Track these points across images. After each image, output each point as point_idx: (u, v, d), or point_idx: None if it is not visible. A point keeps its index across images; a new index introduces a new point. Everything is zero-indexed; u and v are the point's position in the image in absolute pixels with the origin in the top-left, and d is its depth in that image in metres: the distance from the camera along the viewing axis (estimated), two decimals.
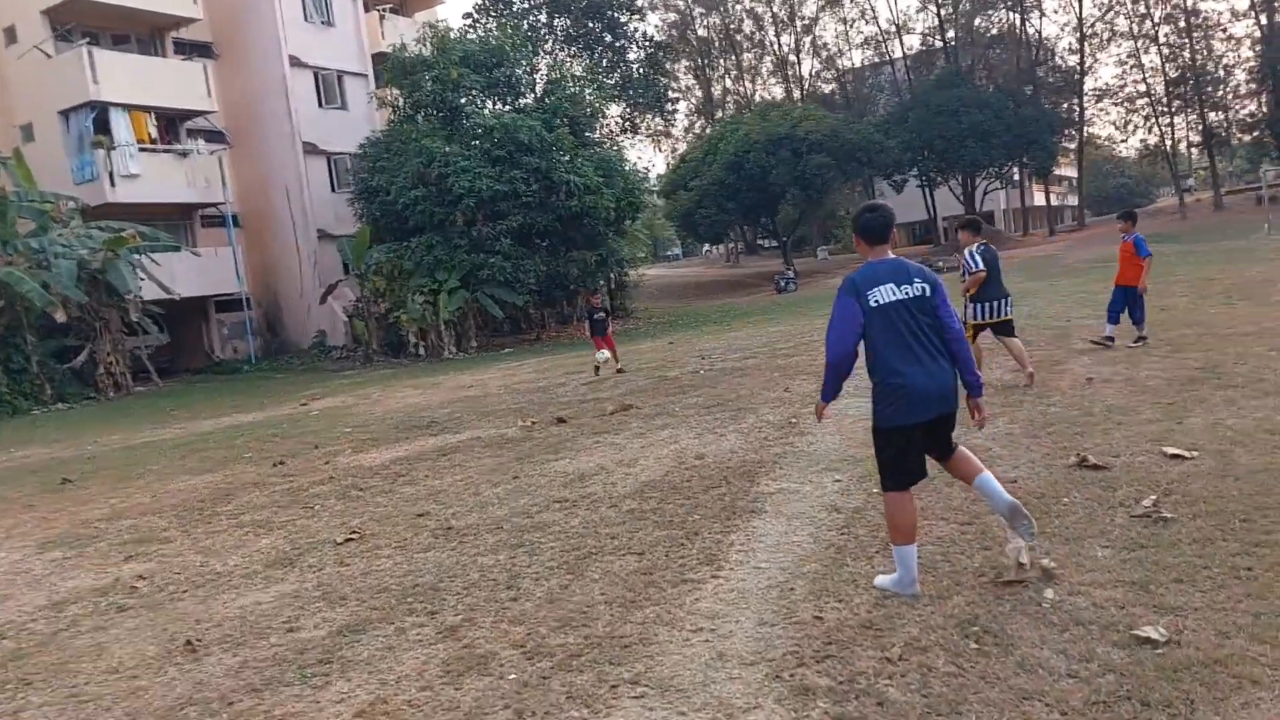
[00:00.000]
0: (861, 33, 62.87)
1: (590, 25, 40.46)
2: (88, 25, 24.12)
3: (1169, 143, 51.02)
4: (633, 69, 42.63)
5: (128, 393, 20.23)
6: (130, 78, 22.93)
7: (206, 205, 25.41)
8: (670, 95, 46.82)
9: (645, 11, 43.88)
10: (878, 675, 2.99)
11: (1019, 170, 51.01)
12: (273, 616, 4.23)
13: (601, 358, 12.75)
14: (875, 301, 3.50)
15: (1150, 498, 4.35)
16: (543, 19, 39.78)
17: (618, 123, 42.00)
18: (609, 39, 41.37)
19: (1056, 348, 9.66)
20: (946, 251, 36.98)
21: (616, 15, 40.70)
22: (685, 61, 56.06)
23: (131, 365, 21.06)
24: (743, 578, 4.01)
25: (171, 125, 25.02)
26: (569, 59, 37.73)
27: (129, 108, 22.88)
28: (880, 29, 62.38)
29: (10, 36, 24.09)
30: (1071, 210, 64.93)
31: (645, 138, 50.70)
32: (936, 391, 3.52)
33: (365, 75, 27.96)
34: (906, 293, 3.52)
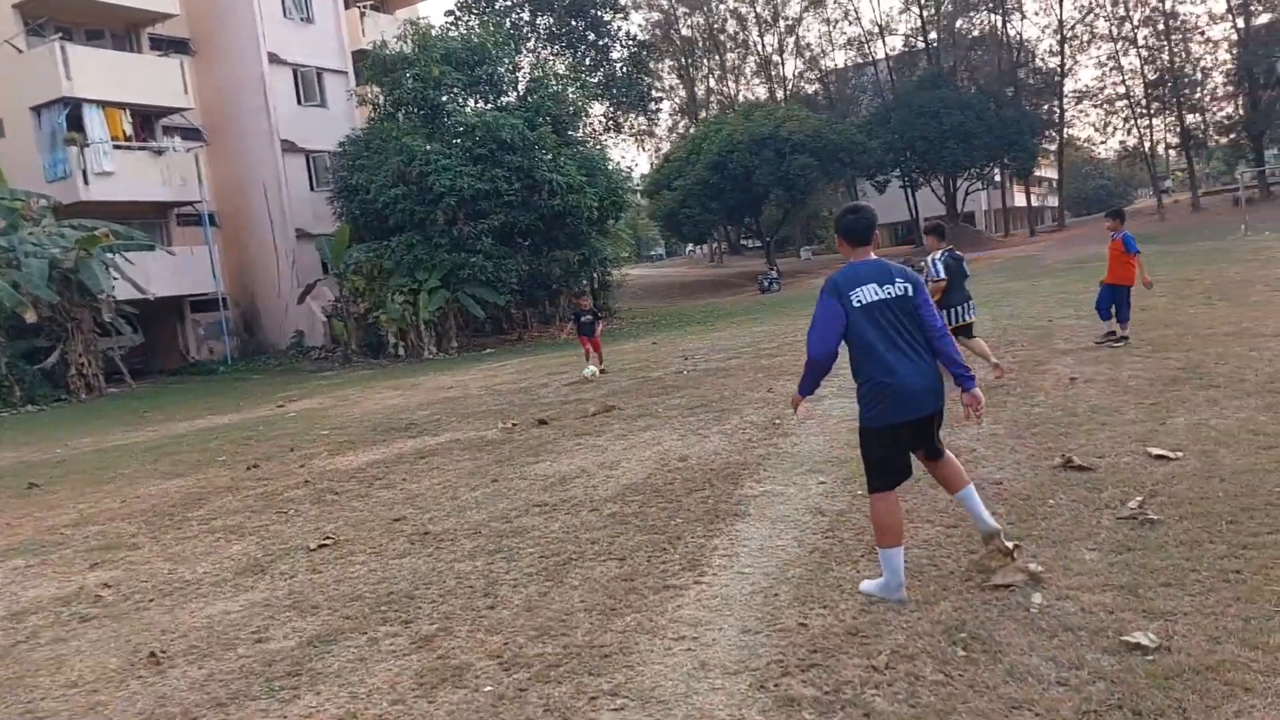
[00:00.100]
0: (845, 33, 63.20)
1: (573, 23, 40.31)
2: (60, 20, 23.70)
3: (1147, 144, 51.64)
4: (616, 68, 42.51)
5: (100, 394, 19.86)
6: (104, 73, 22.53)
7: (182, 204, 25.03)
8: (654, 95, 46.75)
9: (629, 10, 43.80)
10: (864, 684, 2.92)
11: (1000, 171, 51.44)
12: (241, 626, 4.10)
13: (589, 373, 12.23)
14: (858, 301, 3.51)
15: (1136, 499, 4.31)
16: (525, 17, 39.54)
17: (601, 122, 41.88)
18: (592, 37, 41.22)
19: (1039, 348, 9.67)
20: (928, 252, 37.05)
21: (600, 14, 40.56)
22: (669, 61, 56.06)
23: (104, 366, 20.64)
24: (726, 583, 3.92)
25: (147, 122, 24.56)
26: (552, 57, 37.55)
27: (103, 104, 22.49)
28: (863, 30, 62.94)
29: None
30: (1052, 211, 65.48)
31: (629, 137, 50.59)
32: (925, 388, 3.52)
33: (345, 72, 27.65)
34: (889, 292, 3.54)
